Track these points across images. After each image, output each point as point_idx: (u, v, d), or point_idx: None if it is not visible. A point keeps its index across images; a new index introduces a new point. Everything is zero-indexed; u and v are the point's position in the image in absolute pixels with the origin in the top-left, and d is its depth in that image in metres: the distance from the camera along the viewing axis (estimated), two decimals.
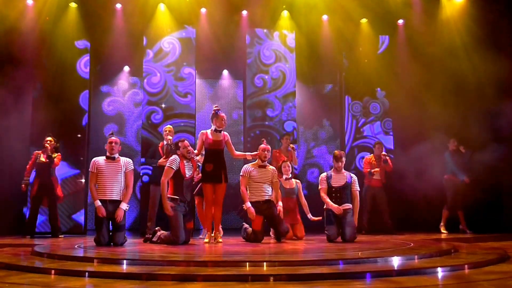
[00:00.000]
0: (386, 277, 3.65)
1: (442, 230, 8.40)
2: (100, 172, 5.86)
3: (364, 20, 10.10)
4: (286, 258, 4.40)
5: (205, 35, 9.76)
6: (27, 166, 7.71)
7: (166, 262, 4.17)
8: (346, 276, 3.62)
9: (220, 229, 6.54)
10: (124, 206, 5.88)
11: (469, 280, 3.55)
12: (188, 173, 6.10)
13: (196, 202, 7.06)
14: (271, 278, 3.53)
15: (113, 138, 6.07)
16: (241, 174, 6.59)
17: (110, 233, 5.87)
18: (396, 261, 4.33)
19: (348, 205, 6.47)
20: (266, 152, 6.56)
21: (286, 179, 7.09)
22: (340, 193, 6.49)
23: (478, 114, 8.71)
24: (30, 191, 7.77)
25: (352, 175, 6.70)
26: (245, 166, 6.64)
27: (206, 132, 6.38)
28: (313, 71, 10.58)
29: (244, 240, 6.58)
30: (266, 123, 9.61)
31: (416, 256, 4.53)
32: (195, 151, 6.32)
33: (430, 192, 8.65)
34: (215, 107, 6.46)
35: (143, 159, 8.85)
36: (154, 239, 6.14)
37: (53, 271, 3.94)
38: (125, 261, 4.27)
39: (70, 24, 9.09)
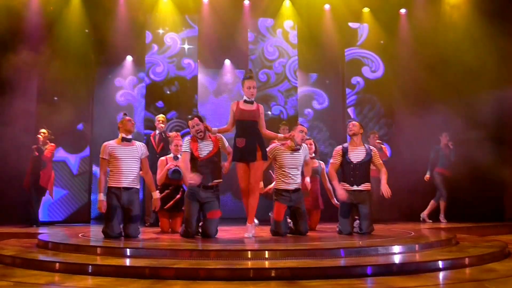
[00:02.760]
0: (387, 272, 3.65)
1: (442, 220, 8.44)
2: (113, 157, 5.24)
3: (366, 10, 10.05)
4: (288, 247, 4.39)
5: (207, 27, 9.73)
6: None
7: (170, 251, 4.20)
8: (347, 271, 3.64)
9: (255, 220, 5.49)
10: (157, 194, 5.47)
11: (471, 279, 3.54)
12: (203, 153, 5.30)
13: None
14: (273, 272, 3.53)
15: (129, 117, 5.48)
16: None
17: (121, 225, 5.35)
18: (397, 250, 4.37)
19: (366, 186, 5.70)
20: (303, 134, 5.67)
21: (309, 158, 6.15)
22: (360, 170, 5.66)
23: (483, 100, 8.67)
24: (25, 182, 7.80)
25: (372, 147, 5.92)
26: (274, 145, 5.73)
27: (238, 102, 5.40)
28: (315, 60, 10.54)
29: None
30: (270, 113, 9.60)
31: (416, 246, 4.57)
32: (215, 128, 5.39)
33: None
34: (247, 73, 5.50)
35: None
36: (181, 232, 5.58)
37: (57, 265, 3.96)
38: (128, 251, 4.32)
39: (74, 15, 9.08)
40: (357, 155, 5.73)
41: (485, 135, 8.32)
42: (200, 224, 5.45)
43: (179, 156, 6.25)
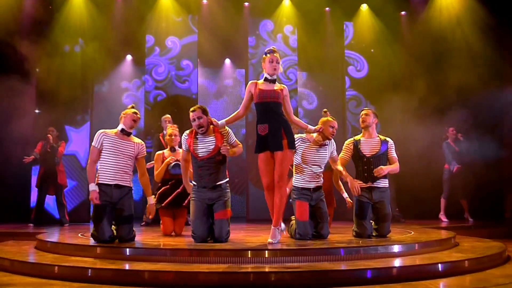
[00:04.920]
0: (387, 275, 3.64)
1: (443, 218, 8.41)
2: (106, 149, 4.69)
3: (364, 7, 10.05)
4: (287, 247, 4.35)
5: (207, 28, 9.75)
6: (37, 148, 7.86)
7: (170, 251, 4.18)
8: (347, 274, 3.61)
9: (282, 225, 4.61)
10: (152, 200, 4.89)
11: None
12: (202, 152, 4.76)
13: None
14: (273, 276, 3.51)
15: (135, 110, 4.86)
16: None
17: (113, 226, 4.78)
18: (396, 250, 4.36)
19: (383, 183, 5.13)
20: (333, 130, 5.03)
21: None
22: (374, 165, 5.05)
23: (480, 99, 8.66)
24: (37, 180, 7.91)
25: (388, 139, 5.24)
26: (297, 136, 4.98)
27: (256, 82, 4.71)
28: (315, 60, 10.55)
29: (291, 237, 5.11)
30: None
31: (416, 245, 4.56)
32: (222, 121, 4.72)
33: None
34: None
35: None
36: None
37: (56, 269, 3.91)
38: (128, 250, 4.29)
39: (72, 13, 9.09)
40: (370, 148, 5.13)
41: (484, 133, 8.32)
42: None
43: (176, 147, 5.85)
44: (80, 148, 8.97)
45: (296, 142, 4.84)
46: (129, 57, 10.69)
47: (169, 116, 7.68)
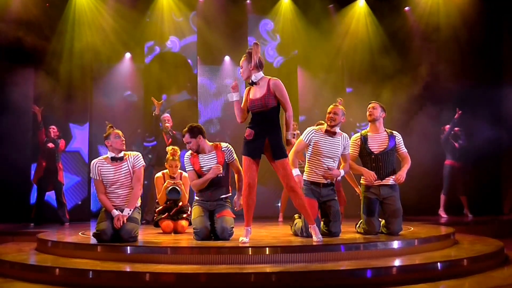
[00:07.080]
0: (386, 274, 3.66)
1: (442, 214, 8.43)
2: (104, 179, 4.75)
3: (362, 4, 10.05)
4: (288, 243, 4.39)
5: (207, 27, 9.76)
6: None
7: (170, 249, 4.19)
8: (348, 274, 3.62)
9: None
10: (126, 211, 4.68)
11: None
12: (206, 168, 4.90)
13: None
14: (273, 277, 3.52)
15: (117, 130, 4.84)
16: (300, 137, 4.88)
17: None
18: (396, 246, 4.37)
19: (392, 179, 4.95)
20: (331, 115, 4.77)
21: None
22: (383, 161, 4.91)
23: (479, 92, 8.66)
24: (35, 176, 7.87)
25: (395, 133, 5.07)
26: (310, 128, 4.85)
27: (249, 89, 4.54)
28: (315, 57, 10.55)
29: (294, 235, 5.07)
30: None
31: (416, 241, 4.56)
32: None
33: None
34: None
35: None
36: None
37: (57, 271, 3.91)
38: (128, 249, 4.30)
39: (72, 11, 9.07)
40: (378, 143, 4.96)
41: (482, 127, 8.32)
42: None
43: (175, 176, 5.89)
44: (83, 145, 9.00)
45: (309, 134, 4.81)
46: (128, 55, 10.67)
47: (167, 115, 7.79)
